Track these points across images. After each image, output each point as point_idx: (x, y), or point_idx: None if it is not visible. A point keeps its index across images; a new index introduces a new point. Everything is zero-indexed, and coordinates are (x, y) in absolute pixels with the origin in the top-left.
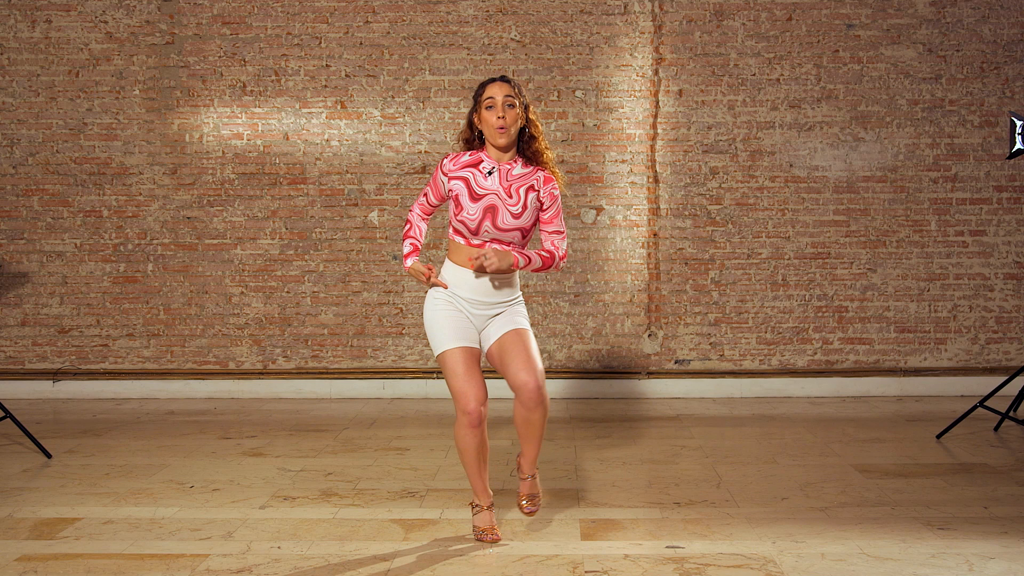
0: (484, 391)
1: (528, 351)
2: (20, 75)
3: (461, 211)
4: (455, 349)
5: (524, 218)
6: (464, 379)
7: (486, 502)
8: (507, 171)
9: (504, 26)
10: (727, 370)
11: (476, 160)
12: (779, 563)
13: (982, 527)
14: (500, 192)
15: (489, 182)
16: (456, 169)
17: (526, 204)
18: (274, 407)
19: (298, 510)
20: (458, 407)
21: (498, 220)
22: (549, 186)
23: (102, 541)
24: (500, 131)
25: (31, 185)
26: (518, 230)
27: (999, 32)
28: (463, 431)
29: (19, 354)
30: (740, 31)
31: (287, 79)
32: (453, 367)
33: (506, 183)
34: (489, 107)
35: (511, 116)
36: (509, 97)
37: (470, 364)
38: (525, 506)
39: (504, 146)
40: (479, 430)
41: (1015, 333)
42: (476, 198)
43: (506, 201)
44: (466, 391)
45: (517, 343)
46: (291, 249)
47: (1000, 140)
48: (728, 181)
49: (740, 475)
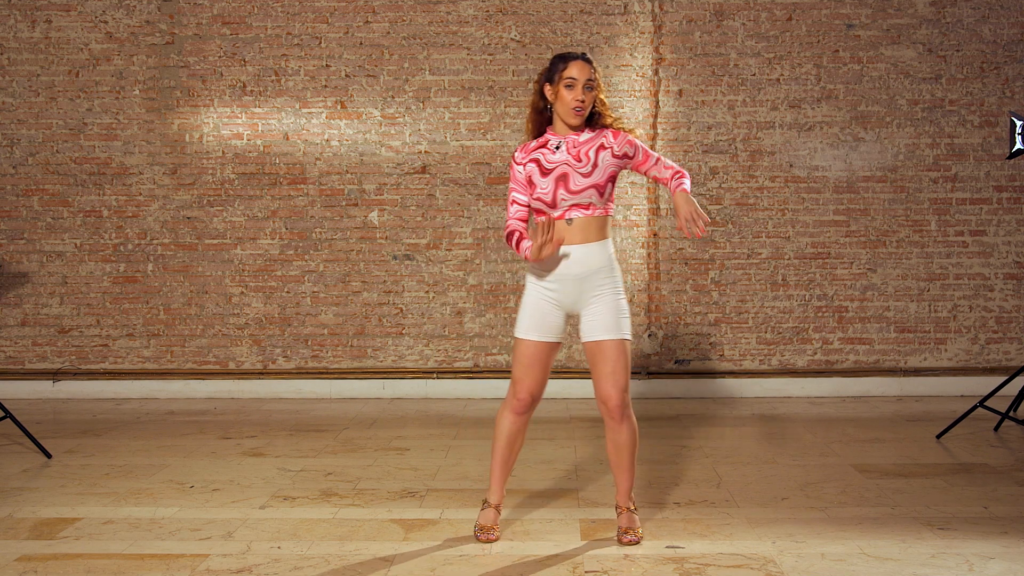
0: (541, 386)
1: (617, 363)
2: (20, 75)
3: (535, 189)
4: (528, 340)
5: (596, 175)
6: (525, 368)
7: (494, 500)
8: (573, 141)
9: (504, 26)
10: (727, 370)
11: (543, 142)
12: (779, 563)
13: (982, 527)
14: (570, 160)
15: (558, 155)
16: (527, 156)
17: (596, 163)
18: (274, 407)
19: (298, 510)
20: (510, 391)
21: (570, 184)
22: (621, 137)
23: (102, 541)
24: (577, 112)
25: (31, 185)
26: (591, 187)
27: (999, 32)
28: (505, 413)
29: (19, 354)
30: (740, 31)
31: (287, 79)
32: (521, 355)
33: (574, 150)
34: (569, 87)
35: (589, 99)
36: (590, 81)
37: (537, 357)
38: (622, 537)
39: (577, 125)
40: (521, 419)
41: (1015, 333)
42: (547, 172)
43: (576, 166)
44: (523, 378)
45: (608, 353)
46: (291, 249)
47: (1000, 140)
48: (728, 181)
49: (740, 475)
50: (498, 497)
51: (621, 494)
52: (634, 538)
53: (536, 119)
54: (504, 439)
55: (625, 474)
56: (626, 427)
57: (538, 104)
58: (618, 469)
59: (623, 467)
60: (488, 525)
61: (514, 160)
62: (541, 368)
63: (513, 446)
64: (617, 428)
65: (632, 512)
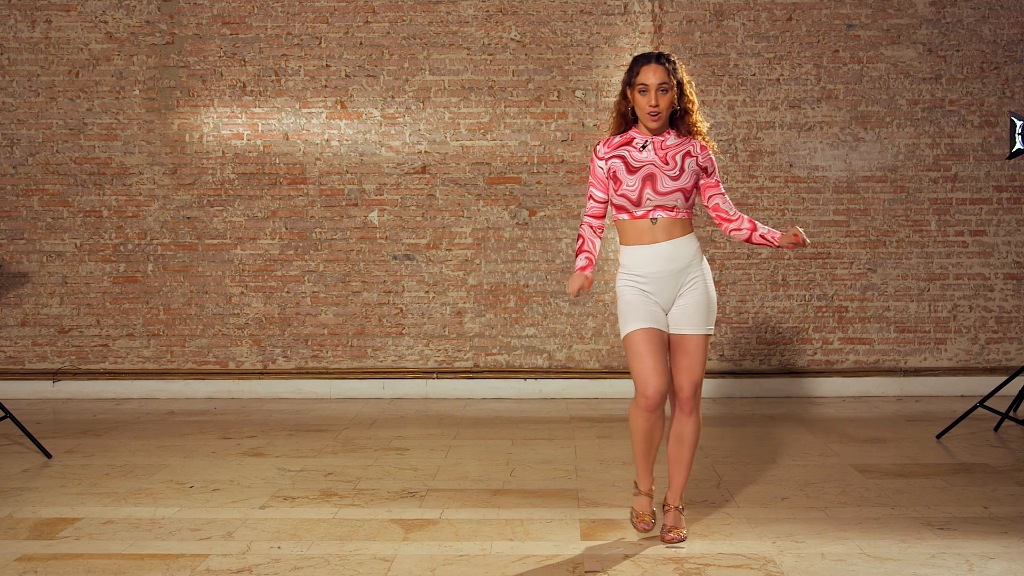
0: (666, 377)
1: (695, 357)
2: (20, 75)
3: (620, 186)
4: (638, 331)
5: (683, 180)
6: (645, 362)
7: (645, 487)
8: (660, 143)
9: (504, 26)
10: (727, 370)
11: (628, 139)
12: (779, 563)
13: (982, 527)
14: (656, 161)
15: (644, 155)
16: (611, 151)
17: (683, 168)
18: (274, 407)
19: (298, 510)
20: (637, 390)
21: (658, 186)
22: (705, 153)
23: (102, 541)
24: (652, 117)
25: (31, 185)
26: (679, 191)
27: (999, 32)
28: (637, 412)
29: (19, 354)
30: (740, 31)
31: (287, 79)
32: (636, 349)
33: (661, 152)
34: (642, 92)
35: (664, 102)
36: (664, 84)
37: (653, 346)
38: (666, 535)
39: (655, 129)
40: (654, 415)
41: (1015, 333)
42: (633, 170)
43: (663, 168)
44: (646, 376)
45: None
46: (291, 249)
47: (1000, 140)
48: (728, 181)
49: (740, 475)
50: (647, 484)
51: (673, 490)
52: (678, 536)
53: (620, 121)
54: (641, 436)
55: (682, 471)
56: (692, 421)
57: (621, 106)
58: (676, 464)
59: (682, 462)
60: (642, 511)
61: (595, 155)
62: (661, 358)
63: (652, 439)
64: (684, 420)
65: (680, 511)
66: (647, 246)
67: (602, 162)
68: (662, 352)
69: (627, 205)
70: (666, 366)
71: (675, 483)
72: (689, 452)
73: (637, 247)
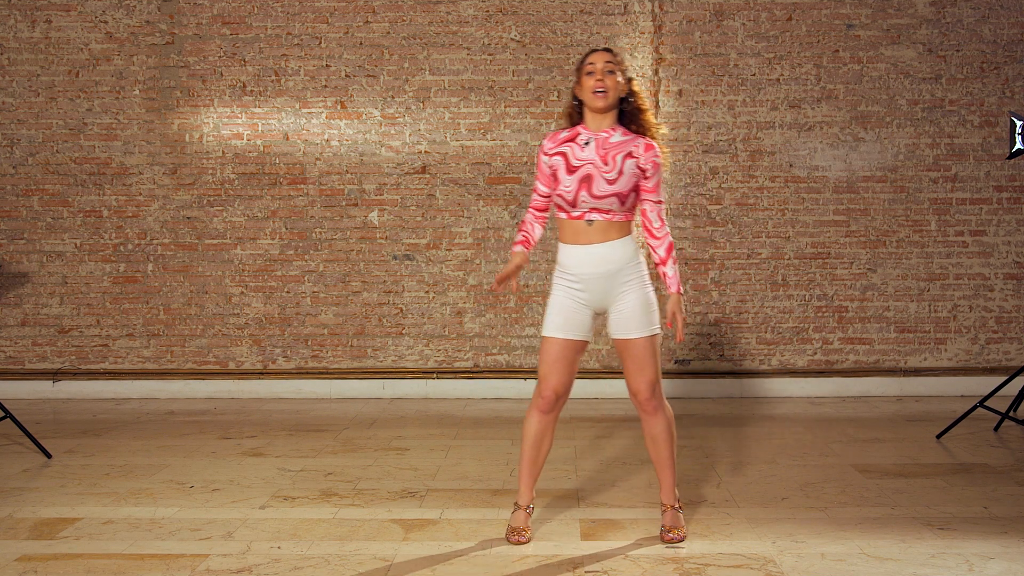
0: (567, 385)
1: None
2: (20, 75)
3: (558, 185)
4: (554, 339)
5: (620, 184)
6: (550, 365)
7: (524, 502)
8: (604, 140)
9: (504, 26)
10: (727, 370)
11: (574, 134)
12: (779, 563)
13: (982, 527)
14: (596, 161)
15: (586, 153)
16: (555, 147)
17: (622, 170)
18: (274, 407)
19: (298, 510)
20: (536, 389)
21: (593, 188)
22: (650, 153)
23: (102, 541)
24: (597, 94)
25: (31, 185)
26: (614, 196)
27: (999, 32)
28: (531, 413)
29: (19, 354)
30: (740, 31)
31: (287, 79)
32: (545, 353)
33: (602, 151)
34: (589, 73)
35: (611, 81)
36: (610, 64)
37: (562, 355)
38: (665, 535)
39: (602, 108)
40: (547, 418)
41: (1015, 333)
42: (572, 170)
43: (601, 169)
44: (547, 376)
45: (635, 350)
46: (291, 249)
47: (1000, 140)
48: (728, 181)
49: (740, 475)
50: (527, 498)
51: (665, 491)
52: (677, 536)
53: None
54: (531, 439)
55: (666, 470)
56: (660, 419)
57: (570, 107)
58: (658, 464)
59: (663, 461)
60: (519, 527)
61: (542, 149)
62: (566, 366)
63: (540, 447)
64: (651, 420)
65: (677, 510)
66: (582, 246)
67: (547, 157)
68: (573, 362)
69: (564, 205)
70: (571, 373)
71: (664, 483)
72: (667, 450)
73: (573, 246)
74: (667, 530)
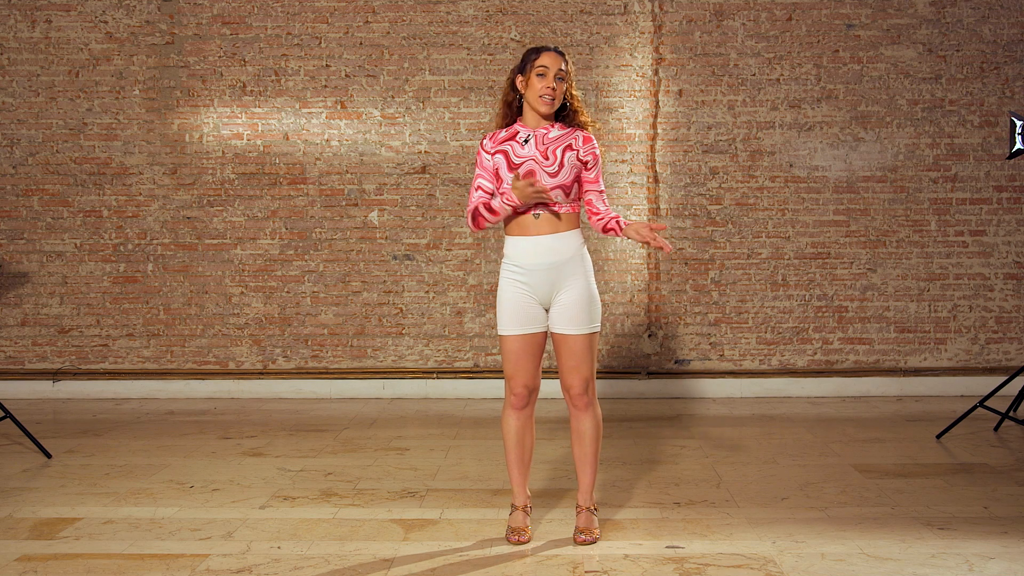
0: (535, 378)
1: (582, 357)
2: (20, 75)
3: (502, 183)
4: (512, 336)
5: (561, 176)
6: (514, 363)
7: (519, 502)
8: (543, 136)
9: (504, 26)
10: (727, 370)
11: (512, 133)
12: (779, 563)
13: (982, 527)
14: (537, 156)
15: (526, 150)
16: (496, 146)
17: (563, 163)
18: (274, 407)
19: (298, 510)
20: (506, 389)
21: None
22: (588, 146)
23: (102, 541)
24: (544, 100)
25: (31, 185)
26: (558, 188)
27: (999, 32)
28: (507, 412)
29: (19, 354)
30: (740, 31)
31: (287, 79)
32: (507, 352)
33: (542, 147)
34: (540, 75)
35: (560, 89)
36: (561, 71)
37: (524, 351)
38: (577, 536)
39: (544, 113)
40: (523, 414)
41: (1015, 333)
42: (514, 167)
43: (543, 164)
44: (513, 374)
45: (572, 346)
46: (291, 249)
47: (1000, 140)
48: (728, 181)
49: (740, 475)
50: (523, 499)
51: (582, 491)
52: (590, 538)
53: (505, 111)
54: (513, 439)
55: (587, 469)
56: (589, 416)
57: (508, 95)
58: (580, 463)
59: (586, 460)
60: (518, 527)
61: (482, 148)
62: (530, 360)
63: (523, 444)
64: (580, 416)
65: (592, 512)
66: (529, 237)
67: (488, 155)
68: (536, 355)
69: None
70: (537, 365)
71: (583, 483)
72: (591, 449)
73: (519, 238)
74: (580, 531)
